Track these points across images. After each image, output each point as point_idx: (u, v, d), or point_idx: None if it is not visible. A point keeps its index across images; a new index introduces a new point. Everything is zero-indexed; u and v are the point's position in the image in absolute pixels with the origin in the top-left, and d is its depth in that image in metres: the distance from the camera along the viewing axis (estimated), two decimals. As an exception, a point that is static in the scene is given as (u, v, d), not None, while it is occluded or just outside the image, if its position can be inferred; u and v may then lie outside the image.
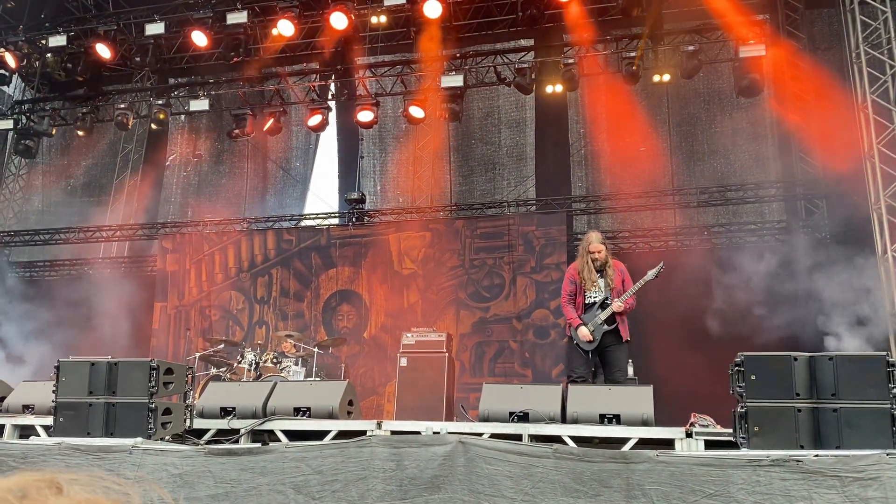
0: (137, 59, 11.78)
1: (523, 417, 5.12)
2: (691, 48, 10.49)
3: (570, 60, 10.93)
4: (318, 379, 8.86)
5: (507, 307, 11.38)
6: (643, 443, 4.76)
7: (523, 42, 12.32)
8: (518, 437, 4.91)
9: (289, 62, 13.02)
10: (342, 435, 5.15)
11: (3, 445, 5.30)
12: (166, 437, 5.30)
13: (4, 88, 13.89)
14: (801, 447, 4.24)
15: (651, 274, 6.37)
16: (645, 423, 4.91)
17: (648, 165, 11.83)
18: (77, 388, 5.32)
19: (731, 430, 4.55)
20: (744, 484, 3.94)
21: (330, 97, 12.62)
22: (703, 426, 5.00)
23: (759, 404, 4.37)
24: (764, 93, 10.90)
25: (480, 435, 4.86)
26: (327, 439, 5.16)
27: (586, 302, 6.50)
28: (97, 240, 14.51)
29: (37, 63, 12.61)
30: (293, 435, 5.37)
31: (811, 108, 10.08)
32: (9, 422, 5.97)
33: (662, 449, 4.48)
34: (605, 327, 6.34)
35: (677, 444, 4.73)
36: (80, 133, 12.91)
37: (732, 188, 11.76)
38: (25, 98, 14.15)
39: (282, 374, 8.78)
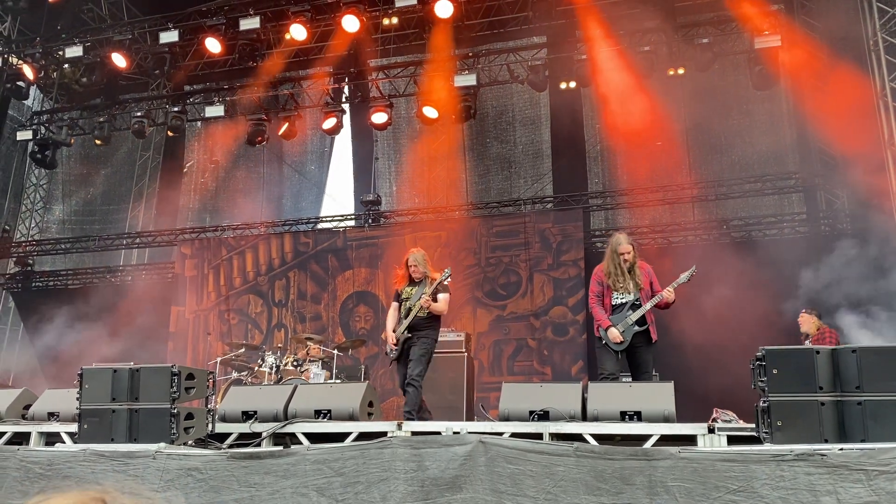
0: (154, 65, 11.88)
1: (544, 416, 5.10)
2: (705, 40, 10.41)
3: (583, 56, 10.88)
4: (338, 381, 8.88)
5: (525, 305, 11.34)
6: (665, 439, 4.74)
7: (535, 39, 12.28)
8: (539, 436, 4.89)
9: (302, 66, 13.09)
10: (363, 437, 5.16)
11: (30, 453, 5.38)
12: (189, 442, 5.35)
13: (23, 100, 14.08)
14: (826, 441, 4.19)
15: (684, 277, 6.32)
16: (666, 420, 4.87)
17: (665, 160, 11.74)
18: (100, 394, 5.39)
19: (753, 425, 4.51)
20: (768, 479, 3.91)
21: (344, 100, 12.66)
22: (725, 422, 4.95)
23: (781, 398, 4.32)
24: (780, 84, 10.77)
25: (501, 434, 4.85)
26: (348, 441, 5.17)
27: (613, 303, 6.43)
28: (117, 247, 14.69)
29: (54, 74, 12.77)
30: (314, 437, 5.39)
31: (829, 97, 9.92)
32: (35, 429, 6.05)
33: (685, 445, 4.45)
34: (636, 328, 6.29)
35: (700, 441, 4.69)
36: (98, 142, 13.05)
37: (751, 181, 11.64)
38: (44, 109, 14.34)
39: (302, 377, 8.81)
